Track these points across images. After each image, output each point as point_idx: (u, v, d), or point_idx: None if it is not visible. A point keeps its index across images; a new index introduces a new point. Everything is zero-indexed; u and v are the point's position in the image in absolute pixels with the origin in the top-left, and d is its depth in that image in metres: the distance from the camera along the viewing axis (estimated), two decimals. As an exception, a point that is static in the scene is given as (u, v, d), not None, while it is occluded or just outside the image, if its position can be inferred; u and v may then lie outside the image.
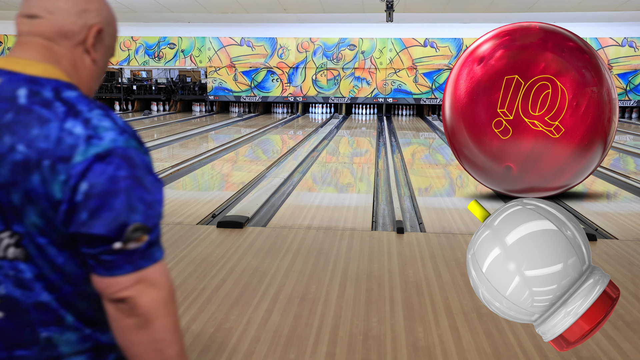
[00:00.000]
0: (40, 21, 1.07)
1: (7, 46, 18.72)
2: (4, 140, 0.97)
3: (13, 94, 1.00)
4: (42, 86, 1.01)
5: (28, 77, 1.02)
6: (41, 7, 1.07)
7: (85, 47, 1.09)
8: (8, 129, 0.97)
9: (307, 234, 4.79)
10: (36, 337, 1.00)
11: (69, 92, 1.02)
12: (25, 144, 0.96)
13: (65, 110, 0.98)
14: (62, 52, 1.07)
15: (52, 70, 1.05)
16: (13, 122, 0.97)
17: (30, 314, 0.99)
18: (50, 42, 1.07)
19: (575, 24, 14.38)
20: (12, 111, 0.98)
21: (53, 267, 1.00)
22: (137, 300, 0.98)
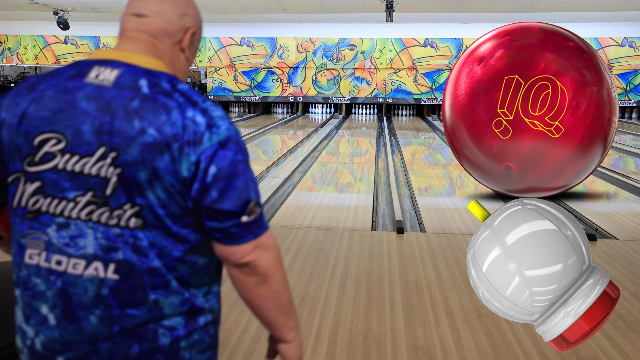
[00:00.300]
0: (147, 20, 1.22)
1: (6, 46, 18.73)
2: (133, 123, 1.11)
3: (135, 83, 1.15)
4: (159, 78, 1.17)
5: (145, 69, 1.17)
6: (149, 8, 1.22)
7: (181, 46, 1.27)
8: (136, 114, 1.12)
9: (307, 234, 4.79)
10: (146, 298, 1.14)
11: (181, 84, 1.18)
12: (155, 128, 1.11)
13: (184, 100, 1.15)
14: (163, 48, 1.24)
15: (162, 65, 1.21)
16: (140, 109, 1.12)
17: (143, 277, 1.14)
18: (155, 39, 1.23)
19: (575, 24, 14.37)
20: (138, 98, 1.13)
21: (166, 236, 1.14)
22: (257, 263, 1.18)
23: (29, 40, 18.69)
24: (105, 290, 1.13)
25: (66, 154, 1.13)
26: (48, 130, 1.14)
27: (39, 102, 1.15)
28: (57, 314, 1.14)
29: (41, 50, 18.68)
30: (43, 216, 1.15)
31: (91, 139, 1.12)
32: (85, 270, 1.13)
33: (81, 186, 1.13)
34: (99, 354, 1.14)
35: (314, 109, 18.57)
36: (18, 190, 1.16)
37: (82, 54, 18.55)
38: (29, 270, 1.16)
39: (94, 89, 1.14)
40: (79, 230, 1.13)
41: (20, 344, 1.21)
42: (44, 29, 18.07)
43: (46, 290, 1.15)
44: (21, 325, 1.19)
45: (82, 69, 1.18)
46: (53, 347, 1.15)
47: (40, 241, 1.15)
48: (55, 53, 18.64)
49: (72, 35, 18.22)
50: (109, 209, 1.13)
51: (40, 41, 18.64)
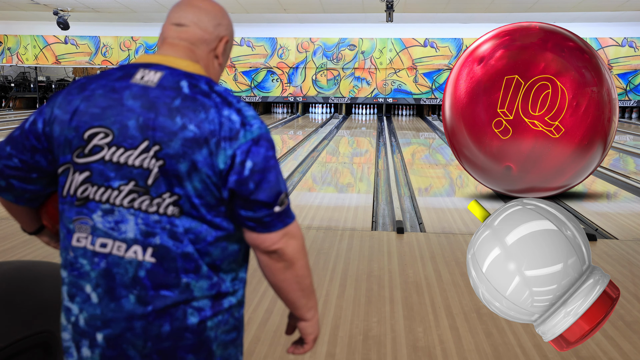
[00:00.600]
0: (187, 29, 1.35)
1: (6, 46, 18.72)
2: (175, 120, 1.23)
3: (177, 84, 1.27)
4: (198, 80, 1.29)
5: (185, 72, 1.30)
6: (188, 18, 1.36)
7: (215, 53, 1.39)
8: (178, 111, 1.24)
9: (307, 234, 4.79)
10: (179, 281, 1.24)
11: (218, 86, 1.31)
12: (195, 125, 1.23)
13: (221, 100, 1.26)
14: (200, 54, 1.36)
15: (200, 69, 1.33)
16: (182, 107, 1.24)
17: (177, 262, 1.24)
18: (193, 46, 1.35)
19: (575, 24, 14.37)
20: (179, 98, 1.25)
21: (201, 223, 1.25)
22: (285, 250, 1.28)
23: (29, 40, 18.68)
24: (142, 273, 1.24)
25: (112, 147, 1.25)
26: (97, 125, 1.26)
27: (90, 100, 1.28)
28: (99, 292, 1.25)
29: (41, 50, 18.68)
30: (90, 203, 1.26)
31: (135, 134, 1.24)
32: (126, 253, 1.24)
33: (125, 176, 1.24)
34: (133, 332, 1.24)
35: (314, 109, 18.57)
36: (67, 180, 1.28)
37: (82, 54, 18.55)
38: (76, 253, 1.27)
39: (139, 89, 1.27)
40: (122, 216, 1.25)
41: (64, 321, 1.31)
42: (44, 29, 18.06)
43: (90, 271, 1.26)
44: (66, 303, 1.30)
45: (128, 71, 1.30)
46: (95, 324, 1.25)
47: (87, 226, 1.27)
48: (55, 53, 18.63)
49: (72, 35, 18.21)
50: (149, 197, 1.24)
51: (40, 41, 18.63)
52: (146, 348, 1.24)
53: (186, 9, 1.37)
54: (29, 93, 19.63)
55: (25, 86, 19.66)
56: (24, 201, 1.39)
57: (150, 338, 1.24)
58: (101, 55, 18.47)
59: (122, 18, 16.62)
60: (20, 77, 20.00)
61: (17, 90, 19.61)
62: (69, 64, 19.05)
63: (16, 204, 1.40)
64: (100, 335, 1.25)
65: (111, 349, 1.25)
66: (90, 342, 1.26)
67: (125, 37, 18.27)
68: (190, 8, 1.37)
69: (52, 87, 19.44)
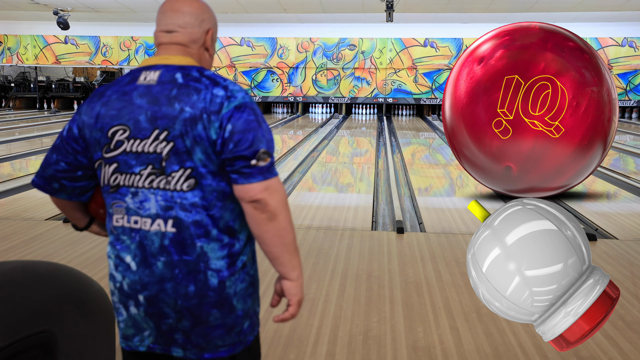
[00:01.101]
0: (176, 34, 1.56)
1: (6, 46, 18.72)
2: (175, 106, 1.46)
3: (172, 77, 1.49)
4: (190, 70, 1.51)
5: (179, 66, 1.52)
6: (175, 24, 1.56)
7: (205, 46, 1.60)
8: (176, 99, 1.47)
9: (307, 234, 4.79)
10: (194, 246, 1.47)
11: (207, 71, 1.53)
12: (190, 106, 1.45)
13: (210, 82, 1.48)
14: (192, 52, 1.57)
15: (191, 61, 1.55)
16: (178, 94, 1.47)
17: (190, 229, 1.46)
18: (185, 47, 1.56)
19: (575, 24, 14.37)
20: (175, 87, 1.48)
21: (209, 191, 1.46)
22: (267, 201, 1.45)
23: (29, 40, 18.68)
24: (166, 241, 1.48)
25: (131, 140, 1.49)
26: (117, 124, 1.50)
27: (108, 105, 1.52)
28: (137, 261, 1.50)
29: (41, 50, 18.68)
30: (121, 189, 1.51)
31: (146, 126, 1.47)
32: (151, 227, 1.48)
33: (143, 162, 1.48)
34: (165, 292, 1.48)
35: (314, 108, 18.57)
36: (102, 173, 1.54)
37: (82, 54, 18.55)
38: (117, 231, 1.53)
39: (144, 88, 1.50)
40: (145, 196, 1.49)
41: (112, 287, 1.57)
42: (44, 29, 18.06)
43: (130, 244, 1.51)
44: (112, 272, 1.55)
45: (134, 75, 1.54)
46: (135, 287, 1.51)
47: (122, 208, 1.51)
48: (55, 53, 18.63)
49: (72, 35, 18.21)
50: (165, 176, 1.47)
51: (40, 41, 18.63)
52: (177, 305, 1.48)
53: (171, 15, 1.56)
54: (29, 93, 19.62)
55: (25, 86, 19.65)
56: (75, 196, 1.65)
57: (180, 297, 1.48)
58: (101, 55, 18.47)
59: (122, 18, 16.62)
60: (20, 77, 19.99)
61: (17, 90, 19.60)
62: (69, 64, 19.05)
63: (70, 201, 1.66)
64: (141, 296, 1.50)
65: (151, 306, 1.50)
66: (135, 302, 1.52)
67: (125, 37, 18.27)
68: (174, 14, 1.56)
69: (52, 87, 19.44)
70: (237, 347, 1.54)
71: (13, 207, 5.74)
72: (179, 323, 1.50)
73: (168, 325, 1.51)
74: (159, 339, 1.53)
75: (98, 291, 1.94)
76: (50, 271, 1.80)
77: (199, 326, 1.50)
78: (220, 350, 1.52)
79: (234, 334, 1.53)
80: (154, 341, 1.54)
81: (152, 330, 1.53)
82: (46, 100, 19.59)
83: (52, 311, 1.67)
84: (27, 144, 11.03)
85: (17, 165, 8.60)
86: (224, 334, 1.51)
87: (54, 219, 5.18)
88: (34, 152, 9.76)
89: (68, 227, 4.89)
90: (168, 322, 1.50)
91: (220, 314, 1.50)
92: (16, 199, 6.06)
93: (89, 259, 4.08)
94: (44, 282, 1.72)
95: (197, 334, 1.50)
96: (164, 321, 1.51)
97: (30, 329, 1.59)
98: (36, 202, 5.81)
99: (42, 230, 4.83)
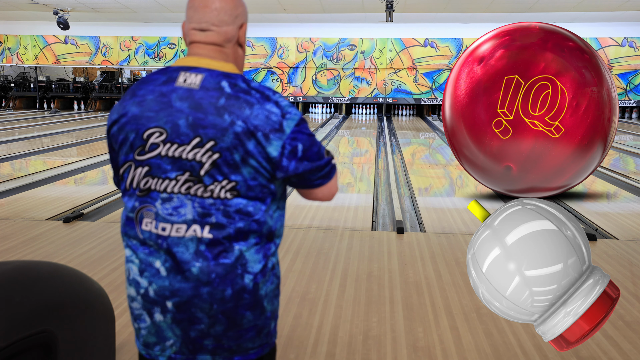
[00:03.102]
0: (211, 33, 1.50)
1: (6, 46, 18.72)
2: (224, 117, 1.42)
3: (218, 85, 1.45)
4: (235, 79, 1.47)
5: (223, 72, 1.47)
6: (209, 22, 1.50)
7: (239, 42, 1.55)
8: (225, 109, 1.43)
9: (307, 234, 4.80)
10: (233, 250, 1.46)
11: (253, 82, 1.49)
12: (242, 120, 1.42)
13: (260, 96, 1.46)
14: (228, 51, 1.53)
15: (234, 68, 1.51)
16: (227, 105, 1.43)
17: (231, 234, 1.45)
18: (221, 47, 1.51)
19: (575, 24, 14.37)
20: (223, 97, 1.44)
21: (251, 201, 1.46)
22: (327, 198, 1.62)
23: (29, 40, 18.68)
24: (202, 247, 1.45)
25: (167, 143, 1.44)
26: (153, 126, 1.45)
27: (143, 105, 1.47)
28: (167, 267, 1.46)
29: (41, 50, 18.68)
30: (152, 193, 1.47)
31: (187, 131, 1.43)
32: (186, 232, 1.45)
33: (180, 168, 1.44)
34: (200, 297, 1.45)
35: (314, 109, 18.57)
36: (130, 175, 1.49)
37: (82, 54, 18.55)
38: (144, 235, 1.48)
39: (184, 91, 1.45)
40: (180, 202, 1.45)
41: (133, 293, 1.52)
42: (44, 29, 18.06)
43: (159, 249, 1.47)
44: (135, 277, 1.50)
45: (170, 75, 1.48)
46: (164, 294, 1.47)
47: (152, 212, 1.47)
48: (55, 53, 18.63)
49: (72, 35, 18.21)
50: (202, 185, 1.44)
51: (40, 41, 18.63)
52: (212, 310, 1.46)
53: (204, 11, 1.50)
54: (29, 93, 19.62)
55: (25, 86, 19.65)
56: None
57: (216, 301, 1.46)
58: (101, 55, 18.47)
59: (122, 18, 16.62)
60: (20, 77, 19.99)
61: (17, 90, 19.60)
62: (69, 64, 19.05)
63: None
64: (169, 302, 1.47)
65: (181, 313, 1.47)
66: (161, 308, 1.48)
67: (125, 37, 18.27)
68: (207, 11, 1.50)
69: (52, 87, 19.44)
70: (265, 348, 1.55)
71: (13, 207, 5.74)
72: (211, 328, 1.47)
73: (198, 331, 1.47)
74: (183, 348, 1.50)
75: (98, 291, 1.94)
76: (50, 271, 1.80)
77: (232, 330, 1.48)
78: (250, 353, 1.52)
79: (263, 335, 1.53)
80: (176, 351, 1.50)
81: (177, 339, 1.49)
82: (46, 100, 19.59)
83: (52, 311, 1.67)
84: (27, 144, 11.03)
85: (17, 165, 8.60)
86: (254, 336, 1.51)
87: (54, 219, 5.18)
88: (34, 152, 9.77)
89: (68, 227, 4.90)
90: (199, 327, 1.47)
91: (252, 316, 1.49)
92: (16, 199, 6.06)
93: (89, 259, 4.08)
94: (44, 282, 1.72)
95: (229, 337, 1.49)
96: (194, 327, 1.47)
97: (30, 329, 1.59)
98: (36, 202, 5.81)
99: (42, 230, 4.83)
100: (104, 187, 6.66)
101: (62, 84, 19.49)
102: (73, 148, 10.55)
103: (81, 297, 1.85)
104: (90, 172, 7.96)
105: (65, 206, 5.68)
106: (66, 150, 10.20)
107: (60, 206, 5.68)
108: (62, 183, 7.08)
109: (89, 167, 8.28)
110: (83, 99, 19.55)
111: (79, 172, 7.95)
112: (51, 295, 1.70)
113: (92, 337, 1.87)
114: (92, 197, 6.11)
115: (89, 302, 1.87)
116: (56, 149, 10.22)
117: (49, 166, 8.32)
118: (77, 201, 5.89)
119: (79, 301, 1.83)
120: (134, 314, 1.54)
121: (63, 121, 15.67)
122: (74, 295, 1.82)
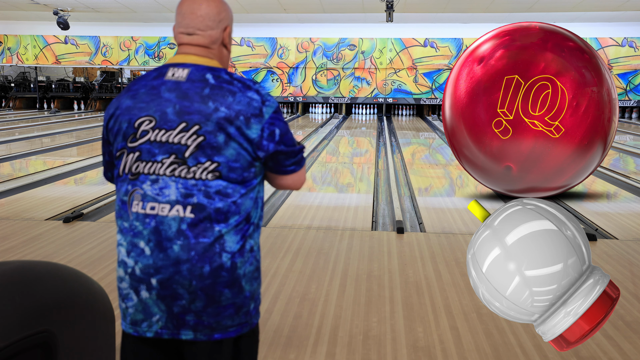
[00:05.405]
0: (196, 37, 1.66)
1: (6, 46, 18.71)
2: (209, 104, 1.57)
3: (203, 77, 1.60)
4: (219, 72, 1.62)
5: (207, 66, 1.63)
6: (195, 27, 1.66)
7: (223, 43, 1.70)
8: (210, 98, 1.58)
9: (307, 234, 4.79)
10: (213, 230, 1.56)
11: (235, 75, 1.66)
12: (225, 107, 1.57)
13: (242, 85, 1.62)
14: (214, 52, 1.68)
15: (217, 63, 1.66)
16: (212, 94, 1.58)
17: (211, 214, 1.56)
18: (206, 48, 1.67)
19: (575, 24, 14.37)
20: (208, 87, 1.59)
21: (233, 182, 1.57)
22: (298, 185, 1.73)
23: (29, 40, 18.67)
24: (184, 226, 1.55)
25: (156, 130, 1.57)
26: (144, 115, 1.59)
27: (136, 98, 1.62)
28: (151, 246, 1.56)
29: (41, 50, 18.68)
30: (141, 176, 1.58)
31: (174, 118, 1.57)
32: (170, 212, 1.56)
33: (167, 151, 1.56)
34: (180, 274, 1.55)
35: (314, 109, 18.57)
36: (123, 161, 1.61)
37: (82, 54, 18.55)
38: (132, 217, 1.59)
39: (172, 84, 1.60)
40: (165, 183, 1.56)
41: (122, 273, 1.62)
42: (44, 29, 18.06)
43: (143, 230, 1.57)
44: (123, 259, 1.61)
45: (161, 71, 1.64)
46: (149, 271, 1.57)
47: (139, 194, 1.58)
48: (55, 53, 18.63)
49: (72, 35, 18.21)
50: (186, 166, 1.55)
51: (40, 41, 18.63)
52: (192, 286, 1.55)
53: (190, 18, 1.65)
54: (29, 93, 19.62)
55: (25, 86, 19.65)
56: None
57: (195, 277, 1.55)
58: (101, 55, 18.47)
59: (122, 18, 16.62)
60: (20, 77, 19.99)
61: (17, 90, 19.60)
62: (69, 64, 19.05)
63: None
64: (154, 279, 1.56)
65: (164, 289, 1.56)
66: (147, 286, 1.57)
67: (125, 37, 18.27)
68: (193, 17, 1.65)
69: (52, 87, 19.44)
70: (245, 327, 1.63)
71: (13, 207, 5.74)
72: (191, 304, 1.56)
73: (180, 306, 1.56)
74: (168, 323, 1.58)
75: (98, 291, 1.94)
76: (50, 271, 1.80)
77: (211, 306, 1.57)
78: (229, 331, 1.60)
79: (241, 314, 1.61)
80: (162, 326, 1.59)
81: (163, 314, 1.58)
82: (46, 100, 19.59)
83: (52, 311, 1.67)
84: (27, 144, 11.03)
85: (17, 165, 8.60)
86: (233, 314, 1.59)
87: (54, 219, 5.18)
88: (34, 152, 9.77)
89: (68, 227, 4.90)
90: (181, 303, 1.56)
91: (231, 294, 1.58)
92: (16, 199, 6.06)
93: (89, 259, 4.08)
94: (44, 282, 1.72)
95: (209, 314, 1.57)
96: (176, 303, 1.56)
97: (30, 329, 1.59)
98: (36, 202, 5.81)
99: (42, 230, 4.83)
100: (104, 187, 6.66)
101: (62, 84, 19.49)
102: (73, 148, 10.55)
103: (81, 297, 1.85)
104: (90, 172, 7.96)
105: (65, 206, 5.68)
106: (66, 150, 10.20)
107: (60, 206, 5.68)
108: (62, 183, 7.08)
109: (89, 167, 8.28)
110: (83, 99, 19.55)
111: (79, 172, 7.95)
112: (51, 295, 1.70)
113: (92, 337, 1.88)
114: (92, 197, 6.11)
115: (89, 302, 1.87)
116: (56, 149, 10.23)
117: (49, 166, 8.33)
118: (77, 201, 5.89)
119: (79, 301, 1.83)
120: (122, 294, 1.63)
121: (63, 121, 15.67)
122: (74, 295, 1.82)
